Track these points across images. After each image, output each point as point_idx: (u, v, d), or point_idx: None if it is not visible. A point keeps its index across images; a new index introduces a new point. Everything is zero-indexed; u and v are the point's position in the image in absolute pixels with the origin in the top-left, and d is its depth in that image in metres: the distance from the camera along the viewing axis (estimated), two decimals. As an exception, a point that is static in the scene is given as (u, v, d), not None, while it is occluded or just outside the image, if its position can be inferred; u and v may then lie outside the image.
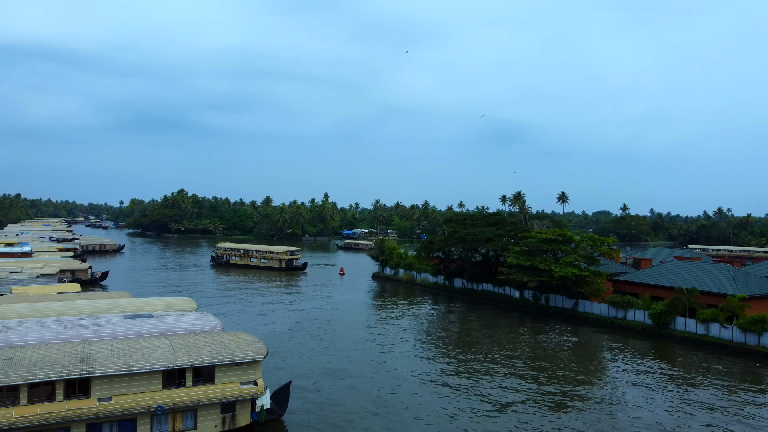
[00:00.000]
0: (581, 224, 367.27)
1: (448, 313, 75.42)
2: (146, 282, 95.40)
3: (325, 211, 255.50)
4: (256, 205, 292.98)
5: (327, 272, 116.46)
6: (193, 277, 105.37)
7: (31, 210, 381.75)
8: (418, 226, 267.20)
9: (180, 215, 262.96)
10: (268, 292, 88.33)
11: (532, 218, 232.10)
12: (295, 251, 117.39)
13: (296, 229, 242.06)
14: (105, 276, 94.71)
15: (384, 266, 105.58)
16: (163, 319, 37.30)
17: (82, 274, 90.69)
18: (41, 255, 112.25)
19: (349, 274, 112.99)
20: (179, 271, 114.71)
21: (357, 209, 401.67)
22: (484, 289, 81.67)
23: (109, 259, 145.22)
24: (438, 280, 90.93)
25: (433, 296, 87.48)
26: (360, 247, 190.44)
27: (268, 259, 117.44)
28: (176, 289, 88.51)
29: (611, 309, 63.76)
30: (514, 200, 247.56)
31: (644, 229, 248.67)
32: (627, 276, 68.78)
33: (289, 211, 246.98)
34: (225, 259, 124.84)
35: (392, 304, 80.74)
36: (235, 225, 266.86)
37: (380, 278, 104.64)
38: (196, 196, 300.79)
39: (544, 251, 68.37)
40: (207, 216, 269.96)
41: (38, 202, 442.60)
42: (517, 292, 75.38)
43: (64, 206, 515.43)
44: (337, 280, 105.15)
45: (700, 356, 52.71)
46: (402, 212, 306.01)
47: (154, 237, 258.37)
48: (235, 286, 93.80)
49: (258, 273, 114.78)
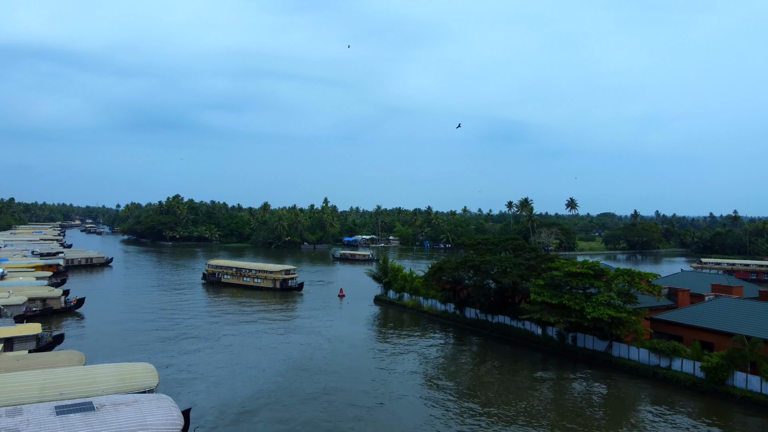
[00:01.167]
0: (587, 228, 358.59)
1: (460, 349, 66.89)
2: (124, 312, 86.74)
3: (325, 218, 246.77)
4: (253, 211, 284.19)
5: (325, 293, 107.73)
6: (180, 301, 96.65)
7: (24, 215, 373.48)
8: (421, 232, 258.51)
9: (175, 222, 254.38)
10: (259, 321, 79.59)
11: (540, 225, 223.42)
12: (290, 270, 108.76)
13: (295, 237, 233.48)
14: (81, 303, 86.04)
15: (387, 288, 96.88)
16: (104, 412, 28.60)
17: (54, 302, 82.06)
18: (16, 275, 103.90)
19: (349, 295, 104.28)
20: (167, 292, 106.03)
21: (358, 213, 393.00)
22: (500, 322, 72.87)
23: (96, 274, 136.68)
24: (447, 308, 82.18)
25: (442, 327, 78.77)
26: (357, 258, 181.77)
27: (261, 278, 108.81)
28: (158, 318, 79.83)
29: (653, 356, 54.97)
30: (521, 206, 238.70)
31: (656, 236, 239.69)
32: (669, 315, 59.83)
33: (288, 218, 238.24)
34: (217, 277, 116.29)
35: (397, 337, 72.14)
36: (232, 232, 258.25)
37: (383, 302, 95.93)
38: (193, 201, 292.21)
39: (573, 286, 59.58)
40: (203, 222, 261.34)
41: (33, 206, 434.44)
42: (539, 328, 66.64)
43: (61, 209, 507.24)
44: (335, 304, 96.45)
45: (766, 422, 44.05)
46: (404, 218, 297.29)
47: (149, 244, 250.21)
48: (223, 313, 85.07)
49: (251, 294, 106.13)
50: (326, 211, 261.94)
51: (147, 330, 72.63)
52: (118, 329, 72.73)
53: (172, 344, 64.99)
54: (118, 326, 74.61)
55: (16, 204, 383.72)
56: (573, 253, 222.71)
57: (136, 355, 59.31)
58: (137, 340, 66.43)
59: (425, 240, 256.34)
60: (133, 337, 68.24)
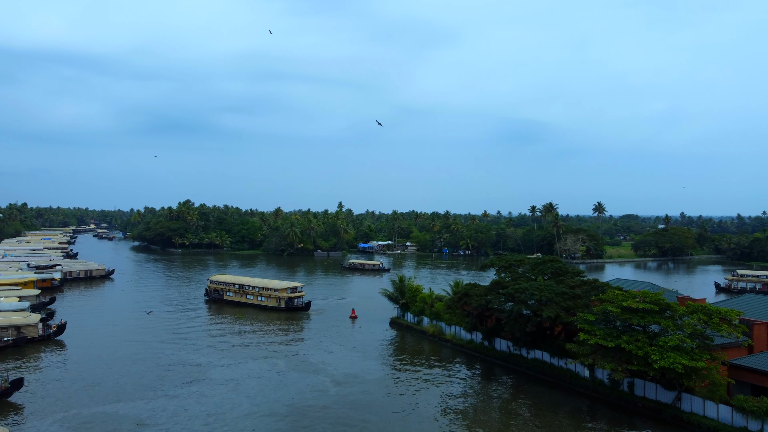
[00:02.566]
0: (611, 231, 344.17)
1: (489, 390, 56.77)
2: (111, 339, 77.44)
3: (339, 224, 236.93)
4: (264, 217, 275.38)
5: (335, 313, 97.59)
6: (176, 324, 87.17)
7: (36, 220, 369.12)
8: (440, 238, 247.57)
9: (185, 228, 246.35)
10: (258, 351, 69.67)
11: (566, 231, 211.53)
12: (296, 288, 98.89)
13: (308, 244, 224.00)
14: (62, 329, 76.87)
15: (405, 311, 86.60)
16: None
17: (30, 330, 72.94)
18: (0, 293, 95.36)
19: (362, 316, 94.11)
20: (164, 312, 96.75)
21: (373, 217, 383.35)
22: (537, 358, 62.19)
23: (94, 289, 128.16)
24: (474, 337, 71.63)
25: (467, 359, 68.32)
26: (366, 267, 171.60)
27: (265, 296, 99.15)
28: (147, 348, 70.30)
29: (737, 415, 43.97)
30: (545, 211, 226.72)
31: (689, 242, 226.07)
32: (754, 360, 48.46)
33: (300, 224, 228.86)
34: (219, 294, 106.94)
35: (416, 370, 62.12)
36: (243, 238, 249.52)
37: (400, 327, 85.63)
38: (204, 206, 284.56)
39: (632, 324, 48.77)
40: (214, 229, 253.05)
41: (46, 211, 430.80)
42: (585, 369, 55.84)
43: (75, 213, 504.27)
44: (346, 327, 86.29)
45: None
46: (422, 222, 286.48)
47: (159, 251, 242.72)
48: (219, 341, 75.30)
49: (254, 314, 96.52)
50: (340, 216, 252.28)
51: (131, 364, 63.14)
52: (97, 364, 63.31)
53: (153, 387, 55.30)
54: (98, 360, 65.20)
55: (28, 209, 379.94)
56: (601, 261, 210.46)
57: (106, 405, 49.82)
58: (115, 381, 56.89)
59: (444, 246, 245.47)
60: (111, 376, 58.71)
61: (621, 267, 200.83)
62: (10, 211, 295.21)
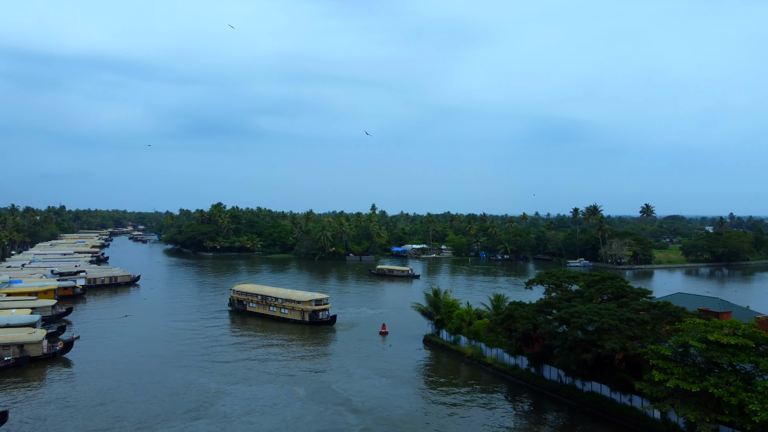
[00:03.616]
0: (656, 234, 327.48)
1: (536, 424, 48.71)
2: (122, 357, 71.60)
3: (372, 227, 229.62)
4: (296, 219, 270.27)
5: (363, 328, 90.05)
6: (195, 340, 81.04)
7: (74, 223, 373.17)
8: (476, 242, 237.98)
9: (216, 232, 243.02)
10: (274, 373, 62.67)
11: (612, 236, 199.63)
12: (321, 300, 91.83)
13: (339, 248, 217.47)
14: (69, 347, 71.39)
15: (440, 328, 78.56)
16: None
17: (33, 348, 67.59)
18: (15, 303, 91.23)
19: (393, 332, 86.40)
20: (185, 323, 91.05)
21: (408, 219, 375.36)
22: (594, 391, 53.42)
23: (117, 297, 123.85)
24: (519, 363, 63.15)
25: (511, 388, 59.95)
26: (395, 274, 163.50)
27: (288, 309, 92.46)
28: (158, 369, 64.13)
29: None
30: (589, 214, 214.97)
31: (745, 246, 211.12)
32: None
33: (332, 228, 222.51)
34: (243, 305, 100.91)
35: (452, 402, 54.08)
36: (275, 242, 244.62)
37: (435, 346, 77.58)
38: (236, 209, 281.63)
39: (718, 362, 39.81)
40: (245, 232, 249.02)
41: (84, 213, 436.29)
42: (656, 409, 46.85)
43: (113, 216, 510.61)
44: (375, 345, 78.66)
45: None
46: (457, 225, 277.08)
47: (190, 255, 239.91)
48: (238, 357, 68.64)
49: (277, 327, 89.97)
50: (373, 219, 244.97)
51: (135, 390, 56.84)
52: (98, 391, 57.20)
53: (152, 426, 48.70)
54: (99, 384, 59.15)
55: (66, 212, 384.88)
56: (650, 267, 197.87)
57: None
58: (111, 415, 50.57)
59: (480, 250, 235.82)
60: (108, 409, 52.42)
61: (671, 273, 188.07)
62: (47, 213, 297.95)
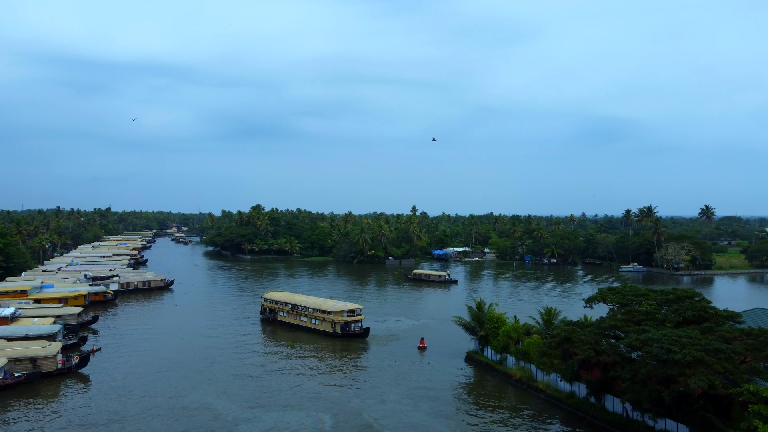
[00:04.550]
0: (713, 236, 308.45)
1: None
2: (141, 374, 66.74)
3: (412, 230, 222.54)
4: (334, 222, 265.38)
5: (399, 342, 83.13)
6: (222, 351, 75.84)
7: (119, 224, 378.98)
8: (521, 245, 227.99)
9: (254, 234, 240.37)
10: (303, 394, 56.46)
11: (668, 239, 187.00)
12: (354, 311, 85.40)
13: (378, 252, 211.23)
14: (85, 362, 66.94)
15: (484, 344, 71.03)
16: None
17: (47, 363, 63.34)
18: (39, 311, 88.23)
19: (433, 346, 79.28)
20: (214, 332, 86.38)
21: (449, 220, 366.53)
22: (669, 430, 45.10)
23: (149, 302, 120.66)
24: (576, 390, 55.16)
25: (567, 419, 52.10)
26: (431, 279, 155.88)
27: (319, 319, 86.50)
28: (177, 388, 58.90)
29: None
30: (643, 216, 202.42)
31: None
32: None
33: (371, 231, 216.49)
34: (274, 314, 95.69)
35: (499, 429, 46.81)
36: (313, 244, 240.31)
37: (478, 364, 70.05)
38: (275, 211, 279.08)
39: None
40: (283, 234, 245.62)
41: (129, 215, 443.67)
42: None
43: (157, 217, 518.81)
44: (412, 363, 71.63)
45: None
46: (501, 227, 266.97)
47: (229, 257, 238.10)
48: (262, 374, 62.81)
49: (307, 339, 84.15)
50: (413, 221, 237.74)
51: (144, 414, 51.53)
52: (105, 414, 52.15)
53: None
54: (108, 406, 54.15)
55: (111, 213, 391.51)
56: (710, 273, 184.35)
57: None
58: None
59: (526, 254, 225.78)
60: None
61: (733, 280, 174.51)
62: (91, 215, 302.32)
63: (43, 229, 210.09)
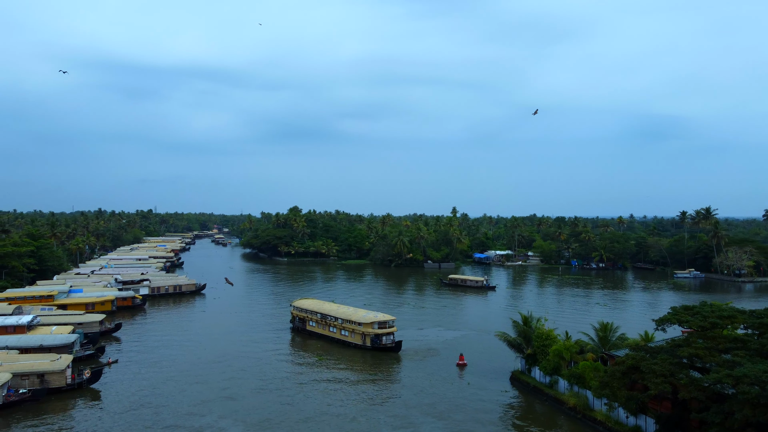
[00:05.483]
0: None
1: None
2: (158, 390, 61.70)
3: (452, 232, 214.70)
4: (371, 224, 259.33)
5: (435, 357, 76.01)
6: (247, 362, 70.38)
7: (160, 226, 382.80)
8: (567, 248, 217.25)
9: (291, 236, 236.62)
10: (322, 422, 50.12)
11: (730, 243, 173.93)
12: (385, 322, 78.68)
13: (417, 255, 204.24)
14: (97, 376, 62.31)
15: (531, 364, 63.40)
16: None
17: (55, 378, 58.97)
18: (61, 318, 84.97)
19: (472, 361, 71.96)
20: (242, 340, 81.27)
21: (491, 222, 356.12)
22: (765, 485, 36.82)
23: (179, 307, 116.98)
24: (641, 424, 47.13)
25: (634, 460, 44.23)
26: (468, 284, 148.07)
27: (348, 330, 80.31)
28: (198, 400, 53.55)
29: None
30: (700, 218, 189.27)
31: None
32: None
33: (408, 233, 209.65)
34: (303, 324, 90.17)
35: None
36: (350, 247, 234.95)
37: (524, 386, 62.45)
38: (313, 213, 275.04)
39: None
40: (320, 237, 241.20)
41: (171, 217, 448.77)
42: None
43: (199, 218, 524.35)
44: (449, 382, 64.44)
45: None
46: (545, 230, 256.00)
47: (266, 260, 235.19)
48: (283, 390, 56.85)
49: (336, 352, 78.09)
50: (453, 223, 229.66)
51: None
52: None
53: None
54: (115, 427, 49.12)
55: (153, 215, 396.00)
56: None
57: None
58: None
59: (572, 258, 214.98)
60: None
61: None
62: (132, 217, 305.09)
63: (81, 231, 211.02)
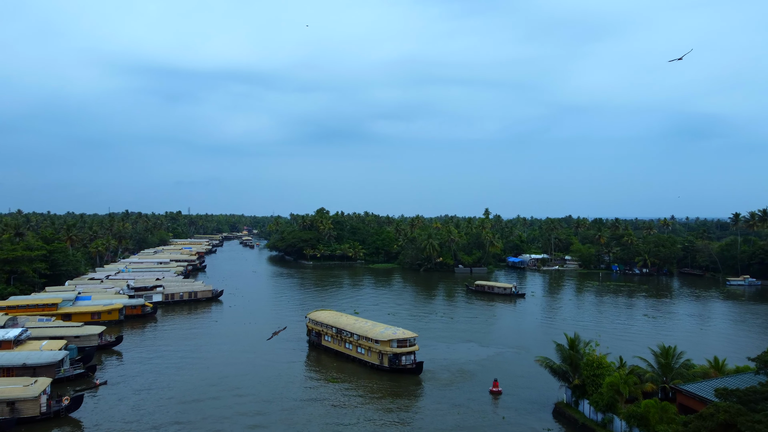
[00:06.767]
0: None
1: None
2: (148, 419, 53.89)
3: (484, 235, 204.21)
4: (399, 226, 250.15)
5: (464, 381, 66.53)
6: (255, 382, 62.26)
7: (189, 228, 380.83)
8: (607, 252, 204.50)
9: (317, 239, 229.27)
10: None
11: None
12: (406, 341, 69.36)
13: (447, 259, 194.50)
14: (78, 403, 54.77)
15: (580, 396, 53.51)
16: None
17: (28, 406, 51.59)
18: (56, 330, 78.55)
19: (508, 388, 62.35)
20: (253, 355, 73.21)
21: (525, 224, 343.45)
22: None
23: (191, 315, 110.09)
24: (726, 488, 37.03)
25: None
26: (495, 291, 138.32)
27: (365, 348, 71.51)
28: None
29: None
30: (756, 220, 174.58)
31: None
32: None
33: (438, 236, 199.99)
34: (319, 338, 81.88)
35: None
36: (378, 250, 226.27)
37: (571, 422, 52.57)
38: (340, 215, 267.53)
39: None
40: (347, 239, 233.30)
41: (200, 218, 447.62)
42: None
43: (228, 220, 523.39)
44: (480, 415, 54.87)
45: None
46: (583, 233, 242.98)
47: (292, 263, 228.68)
48: (288, 420, 48.55)
49: (351, 371, 69.55)
50: (486, 225, 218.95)
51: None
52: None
53: None
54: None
55: (182, 216, 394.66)
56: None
57: None
58: None
59: (613, 262, 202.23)
60: None
61: None
62: (157, 219, 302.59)
63: (104, 234, 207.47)
